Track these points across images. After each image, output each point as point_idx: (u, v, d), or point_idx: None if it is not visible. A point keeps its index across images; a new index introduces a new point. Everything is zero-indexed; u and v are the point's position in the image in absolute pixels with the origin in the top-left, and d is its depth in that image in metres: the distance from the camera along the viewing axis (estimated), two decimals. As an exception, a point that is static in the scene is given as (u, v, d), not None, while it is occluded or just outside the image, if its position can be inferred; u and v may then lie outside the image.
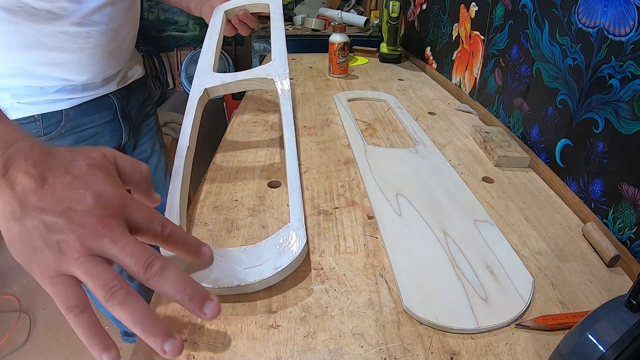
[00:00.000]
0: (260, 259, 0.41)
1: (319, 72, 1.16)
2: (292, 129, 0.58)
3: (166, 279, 0.29)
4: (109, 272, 0.28)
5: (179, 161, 0.52)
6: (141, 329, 0.27)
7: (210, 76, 0.63)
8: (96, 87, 0.68)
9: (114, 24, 0.65)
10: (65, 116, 0.65)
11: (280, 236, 0.43)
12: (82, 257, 0.27)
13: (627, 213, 0.49)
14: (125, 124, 0.76)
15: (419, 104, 0.93)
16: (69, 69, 0.63)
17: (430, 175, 0.61)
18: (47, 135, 0.64)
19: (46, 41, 0.59)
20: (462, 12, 0.97)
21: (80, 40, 0.62)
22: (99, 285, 0.27)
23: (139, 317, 0.27)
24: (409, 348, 0.35)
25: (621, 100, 0.49)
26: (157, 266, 0.29)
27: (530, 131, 0.70)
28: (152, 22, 2.72)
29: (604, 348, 0.26)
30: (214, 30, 0.71)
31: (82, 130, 0.68)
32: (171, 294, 0.29)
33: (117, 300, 0.27)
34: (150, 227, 0.31)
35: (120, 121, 0.74)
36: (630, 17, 0.48)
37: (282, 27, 0.69)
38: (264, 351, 0.35)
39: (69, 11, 0.58)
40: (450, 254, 0.46)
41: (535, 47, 0.68)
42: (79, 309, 0.27)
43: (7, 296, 1.44)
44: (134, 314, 0.27)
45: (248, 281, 0.39)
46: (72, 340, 1.28)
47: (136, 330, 0.27)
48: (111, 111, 0.72)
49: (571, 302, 0.41)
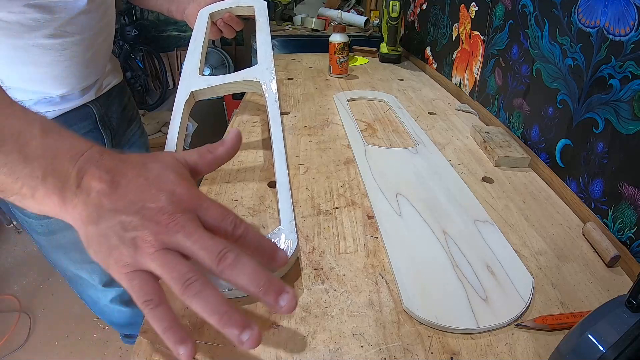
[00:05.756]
0: None
1: (319, 72, 1.16)
2: (279, 131, 0.57)
3: (239, 270, 0.29)
4: (184, 265, 0.28)
5: None
6: (217, 319, 0.27)
7: (196, 79, 0.62)
8: (74, 97, 0.67)
9: (89, 34, 0.63)
10: None
11: (271, 238, 0.43)
12: (157, 251, 0.28)
13: (627, 213, 0.49)
14: (107, 132, 0.74)
15: (419, 104, 0.93)
16: (45, 82, 0.61)
17: (430, 175, 0.61)
18: None
19: (20, 56, 0.57)
20: (462, 12, 0.97)
21: (55, 53, 0.60)
22: (174, 277, 0.28)
23: (215, 308, 0.27)
24: (409, 348, 0.35)
25: (621, 100, 0.49)
26: (230, 258, 0.28)
27: (530, 131, 0.70)
28: (152, 22, 2.72)
29: (604, 348, 0.26)
30: (199, 32, 0.70)
31: None
32: (245, 286, 0.29)
33: (193, 291, 0.27)
34: (222, 225, 0.31)
35: (101, 130, 0.72)
36: (630, 17, 0.48)
37: (268, 29, 0.68)
38: (264, 351, 0.35)
39: (41, 22, 0.56)
40: (450, 254, 0.46)
41: (535, 47, 0.68)
42: (154, 302, 0.28)
43: (7, 296, 1.44)
44: (209, 304, 0.27)
45: None
46: (72, 340, 1.28)
47: (212, 320, 0.27)
48: (91, 120, 0.70)
49: (571, 302, 0.41)
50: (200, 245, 0.29)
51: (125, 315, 0.98)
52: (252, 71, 0.63)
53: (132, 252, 0.28)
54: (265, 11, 0.75)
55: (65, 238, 0.73)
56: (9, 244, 1.71)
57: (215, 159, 0.37)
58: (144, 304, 0.28)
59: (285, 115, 0.84)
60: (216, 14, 0.74)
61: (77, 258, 0.78)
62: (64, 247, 0.75)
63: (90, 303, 0.92)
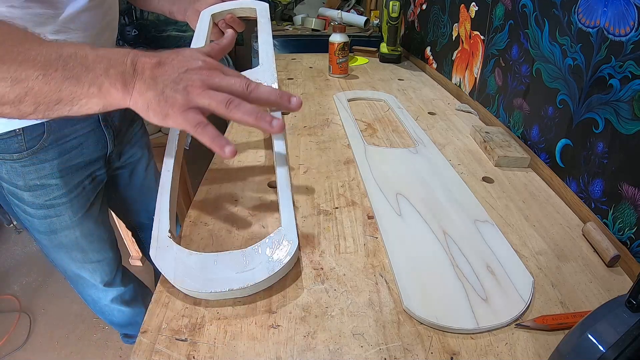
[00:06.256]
0: (252, 263, 0.41)
1: (319, 72, 1.16)
2: (281, 136, 0.57)
3: (260, 91, 0.42)
4: (224, 95, 0.39)
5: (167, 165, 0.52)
6: (253, 118, 0.39)
7: None
8: None
9: (92, 31, 0.63)
10: (47, 128, 0.63)
11: (272, 240, 0.43)
12: (204, 91, 0.39)
13: (627, 213, 0.49)
14: (109, 132, 0.73)
15: (419, 104, 0.93)
16: None
17: (430, 175, 0.61)
18: (30, 149, 0.62)
19: None
20: (462, 12, 0.97)
21: None
22: (219, 101, 0.39)
23: (251, 112, 0.39)
24: (409, 348, 0.35)
25: (621, 100, 0.49)
26: (253, 85, 0.41)
27: (530, 131, 0.70)
28: (152, 22, 2.72)
29: (604, 348, 0.26)
30: (201, 34, 0.71)
31: (65, 142, 0.66)
32: (265, 100, 0.42)
33: (234, 105, 0.39)
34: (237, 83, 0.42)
35: (103, 129, 0.72)
36: (630, 17, 0.48)
37: (270, 31, 0.68)
38: (264, 351, 0.35)
39: (44, 18, 0.56)
40: (450, 254, 0.46)
41: (535, 47, 0.68)
42: (204, 124, 0.38)
43: (7, 296, 1.44)
44: (247, 111, 0.39)
45: (239, 286, 0.38)
46: (72, 340, 1.28)
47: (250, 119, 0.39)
48: (93, 119, 0.70)
49: (571, 302, 0.41)
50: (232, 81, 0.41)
51: (125, 315, 0.98)
52: (253, 73, 0.64)
53: (185, 95, 0.38)
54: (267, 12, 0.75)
55: (67, 238, 0.73)
56: (9, 244, 1.71)
57: (222, 48, 0.49)
58: (197, 126, 0.38)
59: (285, 115, 0.84)
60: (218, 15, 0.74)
61: (79, 257, 0.78)
62: (66, 247, 0.75)
63: (91, 303, 0.92)
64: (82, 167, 0.70)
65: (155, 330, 0.37)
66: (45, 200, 0.67)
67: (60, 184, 0.67)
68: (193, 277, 0.39)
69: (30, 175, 0.64)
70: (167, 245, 0.43)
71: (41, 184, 0.66)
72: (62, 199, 0.69)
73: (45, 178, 0.66)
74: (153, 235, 0.44)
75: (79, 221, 0.73)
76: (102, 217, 0.79)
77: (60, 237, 0.73)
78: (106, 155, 0.75)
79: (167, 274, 0.40)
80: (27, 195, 0.66)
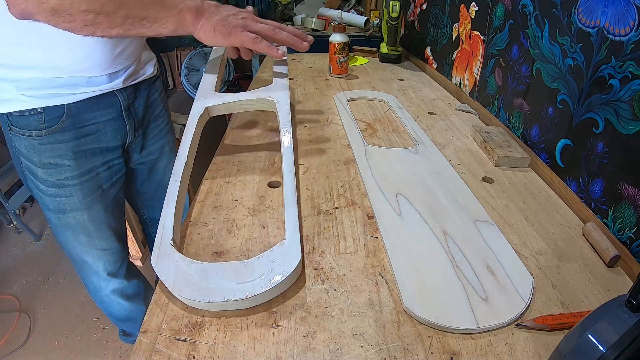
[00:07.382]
0: (253, 274, 0.40)
1: (319, 72, 1.16)
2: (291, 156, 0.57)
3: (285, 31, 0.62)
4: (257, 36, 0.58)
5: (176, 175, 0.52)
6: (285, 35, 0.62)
7: (212, 96, 0.65)
8: (101, 82, 0.68)
9: None
10: (67, 111, 0.65)
11: (275, 253, 0.42)
12: (244, 32, 0.58)
13: (627, 213, 0.49)
14: (130, 123, 0.75)
15: (419, 104, 0.93)
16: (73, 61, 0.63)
17: (430, 175, 0.61)
18: (48, 128, 0.65)
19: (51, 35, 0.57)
20: (462, 12, 0.97)
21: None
22: (252, 39, 0.58)
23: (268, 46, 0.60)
24: (409, 348, 0.35)
25: (621, 100, 0.49)
26: (280, 27, 0.62)
27: (530, 131, 0.70)
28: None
29: (604, 348, 0.26)
30: (217, 52, 0.76)
31: (83, 126, 0.68)
32: (286, 38, 0.62)
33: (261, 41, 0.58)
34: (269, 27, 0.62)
35: (124, 119, 0.74)
36: (630, 17, 0.48)
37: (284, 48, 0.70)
38: (264, 351, 0.35)
39: None
40: (450, 254, 0.46)
41: (535, 47, 0.68)
42: (259, 39, 0.58)
43: (7, 296, 1.44)
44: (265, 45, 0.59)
45: (237, 297, 0.38)
46: (72, 340, 1.28)
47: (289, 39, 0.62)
48: (115, 109, 0.72)
49: (571, 302, 0.41)
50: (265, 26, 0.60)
51: (124, 309, 0.98)
52: (266, 90, 0.66)
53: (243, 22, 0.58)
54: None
55: (75, 219, 0.75)
56: (9, 244, 1.71)
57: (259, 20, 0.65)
58: (254, 39, 0.58)
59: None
60: None
61: (84, 241, 0.79)
62: (73, 228, 0.76)
63: (92, 290, 0.93)
64: (98, 153, 0.72)
65: (156, 330, 0.37)
66: (57, 179, 0.69)
67: (73, 166, 0.69)
68: (192, 286, 0.39)
69: (45, 153, 0.67)
70: (169, 253, 0.43)
71: (55, 162, 0.68)
72: (73, 180, 0.70)
73: (60, 158, 0.68)
74: (156, 242, 0.44)
75: (88, 205, 0.74)
76: (114, 207, 0.80)
77: (68, 217, 0.74)
78: (124, 145, 0.76)
79: (166, 282, 0.40)
80: (40, 172, 0.68)
